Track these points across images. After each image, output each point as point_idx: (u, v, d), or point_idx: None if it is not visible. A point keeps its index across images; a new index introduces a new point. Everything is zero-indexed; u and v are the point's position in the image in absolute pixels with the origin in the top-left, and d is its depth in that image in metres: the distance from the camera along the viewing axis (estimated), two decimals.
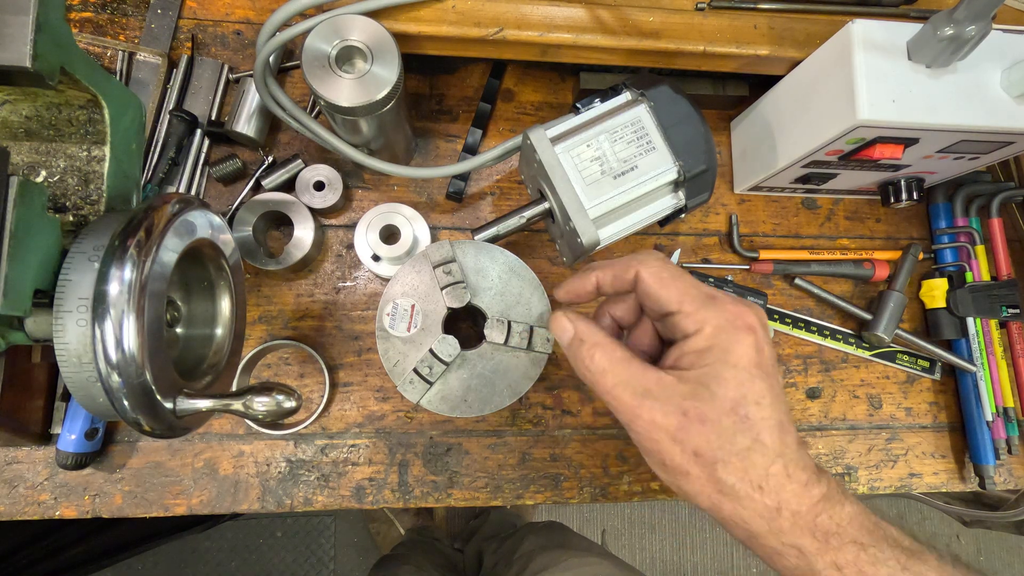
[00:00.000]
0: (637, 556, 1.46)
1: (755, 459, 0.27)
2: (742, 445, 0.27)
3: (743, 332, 0.28)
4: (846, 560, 0.27)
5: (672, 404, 0.28)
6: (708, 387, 0.28)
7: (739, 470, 0.27)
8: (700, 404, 0.28)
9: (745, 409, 0.27)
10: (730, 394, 0.27)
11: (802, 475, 0.27)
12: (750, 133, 0.54)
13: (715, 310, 0.29)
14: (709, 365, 0.28)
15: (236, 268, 0.39)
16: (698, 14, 0.45)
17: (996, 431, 0.53)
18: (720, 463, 0.27)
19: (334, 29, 0.40)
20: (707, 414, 0.27)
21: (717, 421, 0.27)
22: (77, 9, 0.50)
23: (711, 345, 0.28)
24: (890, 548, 0.27)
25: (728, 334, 0.28)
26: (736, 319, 0.28)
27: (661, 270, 0.30)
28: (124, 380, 0.27)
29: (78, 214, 0.34)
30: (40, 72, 0.27)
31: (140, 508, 0.47)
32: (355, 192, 0.52)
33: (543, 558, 0.67)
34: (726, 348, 0.28)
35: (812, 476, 0.28)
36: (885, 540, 0.27)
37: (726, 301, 0.29)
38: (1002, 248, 0.56)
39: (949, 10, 0.38)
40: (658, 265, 0.31)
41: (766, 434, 0.27)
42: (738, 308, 0.29)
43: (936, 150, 0.46)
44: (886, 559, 0.27)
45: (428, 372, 0.41)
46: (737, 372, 0.28)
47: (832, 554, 0.27)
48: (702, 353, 0.28)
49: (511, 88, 0.55)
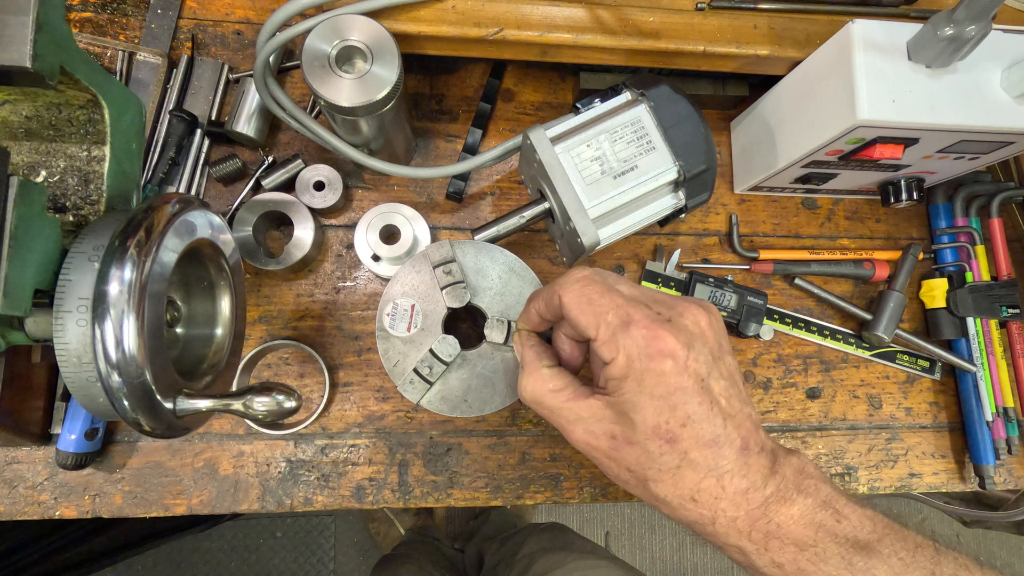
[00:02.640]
0: (637, 556, 1.46)
1: (686, 475, 0.28)
2: (671, 464, 0.28)
3: (656, 359, 0.28)
4: (785, 559, 0.28)
5: (601, 428, 0.30)
6: (628, 415, 0.29)
7: (670, 485, 0.29)
8: (625, 428, 0.29)
9: (669, 433, 0.28)
10: (649, 421, 0.28)
11: (741, 483, 0.28)
12: (750, 133, 0.54)
13: (627, 338, 0.29)
14: (627, 394, 0.29)
15: (236, 268, 0.39)
16: (698, 14, 0.45)
17: (996, 431, 0.53)
18: (651, 480, 0.29)
19: (334, 29, 0.40)
20: (632, 438, 0.29)
21: (643, 444, 0.28)
22: (77, 9, 0.50)
23: (625, 374, 0.29)
24: (836, 545, 0.28)
25: (642, 362, 0.28)
26: (649, 346, 0.28)
27: (579, 295, 0.31)
28: (124, 380, 0.27)
29: (78, 214, 0.34)
30: (40, 72, 0.27)
31: (140, 508, 0.47)
32: (355, 192, 0.52)
33: (546, 560, 0.67)
34: (640, 378, 0.28)
35: (757, 480, 0.28)
36: (832, 537, 0.28)
37: (639, 326, 0.29)
38: (1002, 248, 0.56)
39: (949, 10, 0.38)
40: (577, 288, 0.31)
41: (695, 452, 0.28)
42: (652, 332, 0.28)
43: (936, 150, 0.46)
44: (829, 556, 0.27)
45: (428, 372, 0.41)
46: (654, 400, 0.28)
47: (772, 554, 0.28)
48: (619, 381, 0.29)
49: (511, 88, 0.55)
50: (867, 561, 0.27)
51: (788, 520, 0.28)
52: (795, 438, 0.54)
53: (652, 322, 0.29)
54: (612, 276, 0.32)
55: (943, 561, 0.28)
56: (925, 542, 0.29)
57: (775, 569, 0.28)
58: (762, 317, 0.52)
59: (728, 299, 0.52)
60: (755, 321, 0.52)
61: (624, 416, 0.29)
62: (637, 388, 0.28)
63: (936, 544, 0.29)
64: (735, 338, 0.55)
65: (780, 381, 0.55)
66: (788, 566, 0.28)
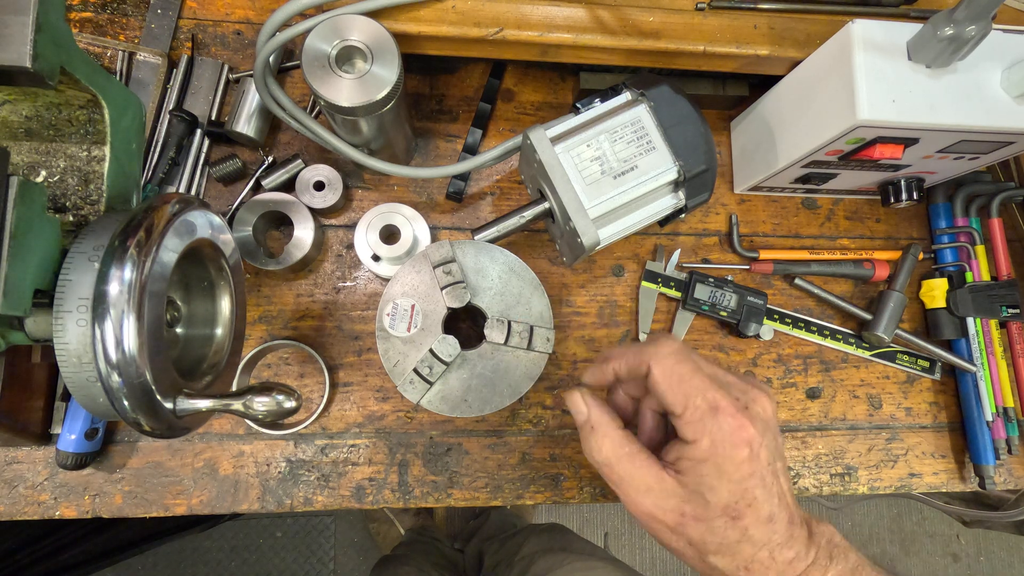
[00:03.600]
0: (637, 557, 1.46)
1: (743, 549, 0.31)
2: (732, 539, 0.31)
3: (739, 447, 0.30)
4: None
5: (671, 504, 0.32)
6: (703, 495, 0.31)
7: (728, 557, 0.31)
8: (696, 508, 0.31)
9: (736, 511, 0.31)
10: (723, 502, 0.31)
11: (788, 554, 0.31)
12: (750, 133, 0.54)
13: (714, 424, 0.31)
14: (704, 476, 0.31)
15: (236, 268, 0.39)
16: (698, 14, 0.45)
17: (996, 431, 0.53)
18: (712, 554, 0.32)
19: (334, 29, 0.40)
20: (702, 516, 0.31)
21: (711, 521, 0.31)
22: (77, 9, 0.50)
23: (707, 458, 0.31)
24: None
25: (724, 449, 0.31)
26: (733, 435, 0.31)
27: (671, 371, 0.32)
28: (124, 380, 0.27)
29: (78, 214, 0.34)
30: (40, 72, 0.27)
31: (140, 508, 0.47)
32: (355, 192, 0.52)
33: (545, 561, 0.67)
34: (720, 463, 0.31)
35: (800, 551, 0.31)
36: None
37: (727, 413, 0.31)
38: (1002, 248, 0.56)
39: (949, 10, 0.38)
40: (669, 363, 0.33)
41: (754, 528, 0.31)
42: (738, 422, 0.31)
43: (936, 150, 0.46)
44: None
45: (428, 372, 0.41)
46: (730, 484, 0.31)
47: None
48: (699, 463, 0.31)
49: (511, 88, 0.55)
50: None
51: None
52: (795, 438, 0.54)
53: (737, 411, 0.31)
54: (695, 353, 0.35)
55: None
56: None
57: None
58: (762, 317, 0.52)
59: (728, 299, 0.52)
60: (755, 321, 0.52)
61: (697, 495, 0.31)
62: (716, 472, 0.31)
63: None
64: (735, 338, 0.55)
65: (780, 381, 0.55)
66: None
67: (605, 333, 0.53)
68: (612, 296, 0.54)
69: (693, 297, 0.52)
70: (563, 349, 0.53)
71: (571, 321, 0.53)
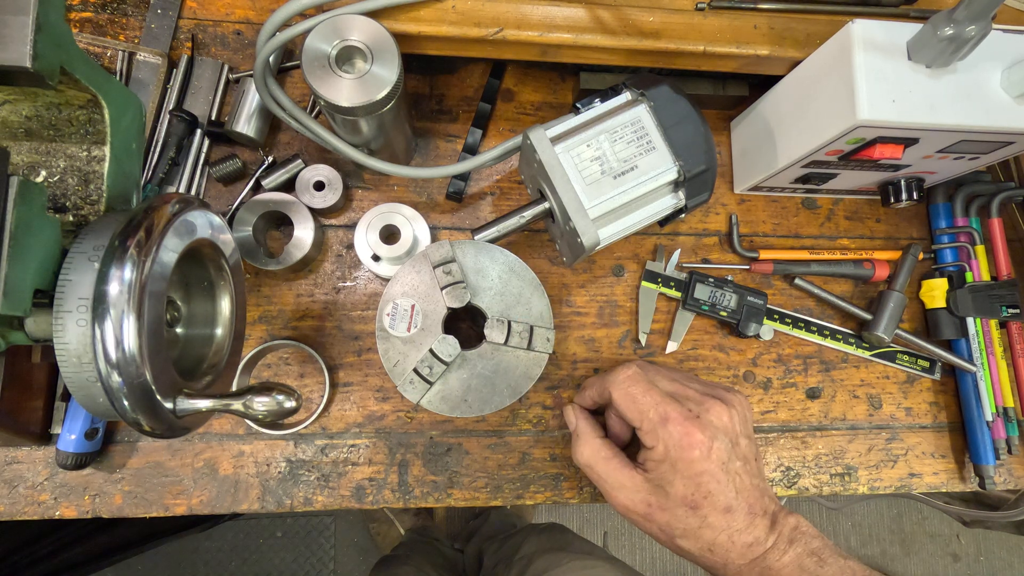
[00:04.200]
0: (636, 556, 1.46)
1: (704, 534, 0.38)
2: (693, 525, 0.38)
3: (688, 450, 0.37)
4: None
5: (639, 496, 0.40)
6: (664, 488, 0.39)
7: (692, 540, 0.38)
8: (659, 499, 0.39)
9: (694, 502, 0.38)
10: (679, 493, 0.38)
11: (746, 538, 0.37)
12: (750, 133, 0.54)
13: (665, 432, 0.38)
14: (663, 473, 0.38)
15: (236, 268, 0.39)
16: (698, 14, 0.45)
17: (996, 431, 0.53)
18: (678, 537, 0.39)
19: (334, 29, 0.40)
20: (665, 505, 0.39)
21: (673, 510, 0.38)
22: (77, 9, 0.50)
23: (663, 459, 0.38)
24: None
25: (676, 452, 0.38)
26: (682, 440, 0.38)
27: (625, 393, 0.41)
28: (124, 380, 0.27)
29: (78, 214, 0.34)
30: (40, 72, 0.27)
31: (140, 508, 0.47)
32: (355, 192, 0.52)
33: (544, 560, 0.67)
34: (674, 462, 0.38)
35: (759, 536, 0.37)
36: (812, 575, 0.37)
37: (676, 423, 0.38)
38: (1002, 248, 0.56)
39: (949, 10, 0.38)
40: (624, 387, 0.41)
41: (712, 516, 0.38)
42: (685, 428, 0.38)
43: (936, 150, 0.46)
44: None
45: (428, 372, 0.41)
46: (684, 479, 0.38)
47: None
48: (658, 463, 0.39)
49: (511, 88, 0.55)
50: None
51: (779, 566, 0.37)
52: (795, 438, 0.54)
53: (685, 419, 0.38)
54: (652, 369, 0.42)
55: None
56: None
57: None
58: (762, 317, 0.52)
59: (728, 299, 0.52)
60: (755, 321, 0.52)
61: (660, 489, 0.39)
62: (672, 470, 0.38)
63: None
64: (735, 338, 0.55)
65: (780, 381, 0.55)
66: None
67: (605, 333, 0.53)
68: (612, 296, 0.54)
69: (693, 297, 0.52)
70: (563, 349, 0.53)
71: (571, 321, 0.53)
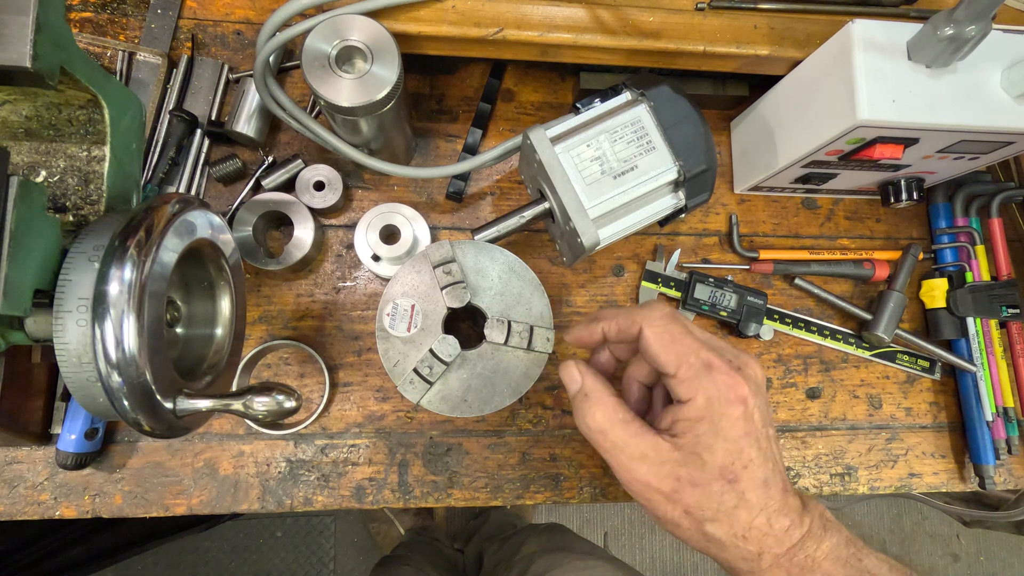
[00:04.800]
0: (637, 556, 1.46)
1: (740, 515, 0.31)
2: (729, 504, 0.30)
3: (734, 404, 0.30)
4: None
5: (666, 469, 0.31)
6: (699, 455, 0.30)
7: (725, 525, 0.31)
8: (692, 471, 0.31)
9: (733, 474, 0.30)
10: (719, 462, 0.30)
11: (784, 521, 0.31)
12: (750, 133, 0.54)
13: (709, 381, 0.30)
14: (701, 435, 0.30)
15: (236, 268, 0.39)
16: (698, 14, 0.45)
17: (996, 431, 0.53)
18: (708, 521, 0.31)
19: (334, 29, 0.40)
20: (698, 479, 0.30)
21: (707, 485, 0.30)
22: (77, 9, 0.50)
23: (703, 416, 0.30)
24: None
25: (720, 406, 0.30)
26: (729, 391, 0.30)
27: (663, 331, 0.32)
28: (124, 380, 0.27)
29: (78, 214, 0.34)
30: (40, 72, 0.27)
31: (140, 508, 0.47)
32: (355, 192, 0.52)
33: (544, 561, 0.67)
34: (716, 420, 0.30)
35: (795, 519, 0.31)
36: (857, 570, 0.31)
37: (721, 371, 0.31)
38: (1002, 248, 0.56)
39: (949, 10, 0.38)
40: (661, 324, 0.32)
41: (751, 492, 0.30)
42: (732, 379, 0.30)
43: (936, 150, 0.46)
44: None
45: (428, 372, 0.41)
46: (726, 443, 0.30)
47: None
48: (694, 422, 0.31)
49: (511, 88, 0.55)
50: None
51: (820, 555, 0.31)
52: (795, 438, 0.54)
53: (731, 369, 0.31)
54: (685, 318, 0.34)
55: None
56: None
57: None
58: (762, 317, 0.52)
59: (728, 299, 0.52)
60: (755, 321, 0.52)
61: (694, 456, 0.31)
62: (712, 430, 0.30)
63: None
64: (735, 338, 0.55)
65: (780, 381, 0.55)
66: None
67: None
68: (612, 296, 0.54)
69: (693, 297, 0.52)
70: (563, 349, 0.53)
71: (571, 321, 0.53)
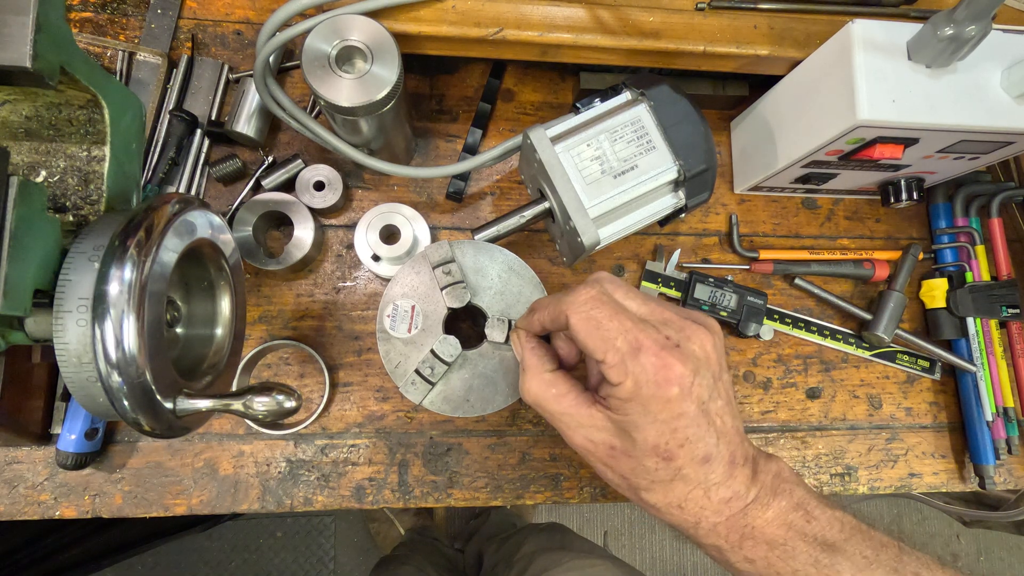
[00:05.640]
0: (637, 556, 1.46)
1: (676, 487, 0.31)
2: (664, 477, 0.31)
3: (665, 386, 0.29)
4: (757, 556, 0.31)
5: (601, 437, 0.32)
6: (630, 433, 0.30)
7: (660, 495, 0.31)
8: (625, 444, 0.31)
9: (668, 452, 0.30)
10: (650, 441, 0.30)
11: (725, 493, 0.31)
12: (750, 133, 0.54)
13: (636, 364, 0.29)
14: (630, 415, 0.30)
15: (236, 268, 0.39)
16: (698, 14, 0.45)
17: (996, 431, 0.53)
18: (642, 489, 0.32)
19: (334, 29, 0.40)
20: (631, 452, 0.31)
21: (640, 459, 0.31)
22: (77, 9, 0.50)
23: (631, 397, 0.30)
24: (804, 543, 0.31)
25: (649, 389, 0.29)
26: (658, 374, 0.29)
27: (587, 317, 0.31)
28: (124, 380, 0.27)
29: (78, 214, 0.34)
30: (40, 72, 0.27)
31: (140, 508, 0.47)
32: (355, 192, 0.52)
33: (544, 560, 0.67)
34: (645, 402, 0.29)
35: (740, 490, 0.31)
36: (801, 536, 0.31)
37: (650, 352, 0.29)
38: (1002, 248, 0.56)
39: (949, 10, 0.38)
40: (584, 311, 0.31)
41: (688, 468, 0.30)
42: (662, 360, 0.29)
43: (936, 150, 0.46)
44: (797, 553, 0.31)
45: (430, 373, 0.41)
46: (657, 424, 0.30)
47: (745, 551, 0.31)
48: (624, 403, 0.30)
49: (511, 88, 0.55)
50: (832, 558, 0.30)
51: (763, 522, 0.31)
52: (795, 438, 0.54)
53: (661, 348, 0.30)
54: (621, 291, 0.33)
55: (906, 560, 0.31)
56: (890, 542, 0.32)
57: (747, 564, 0.31)
58: (762, 317, 0.52)
59: (728, 299, 0.52)
60: (755, 321, 0.52)
61: (625, 433, 0.31)
62: (641, 411, 0.30)
63: (901, 544, 0.32)
64: (735, 338, 0.55)
65: (780, 381, 0.55)
66: (759, 562, 0.31)
67: None
68: None
69: (693, 297, 0.52)
70: None
71: None
